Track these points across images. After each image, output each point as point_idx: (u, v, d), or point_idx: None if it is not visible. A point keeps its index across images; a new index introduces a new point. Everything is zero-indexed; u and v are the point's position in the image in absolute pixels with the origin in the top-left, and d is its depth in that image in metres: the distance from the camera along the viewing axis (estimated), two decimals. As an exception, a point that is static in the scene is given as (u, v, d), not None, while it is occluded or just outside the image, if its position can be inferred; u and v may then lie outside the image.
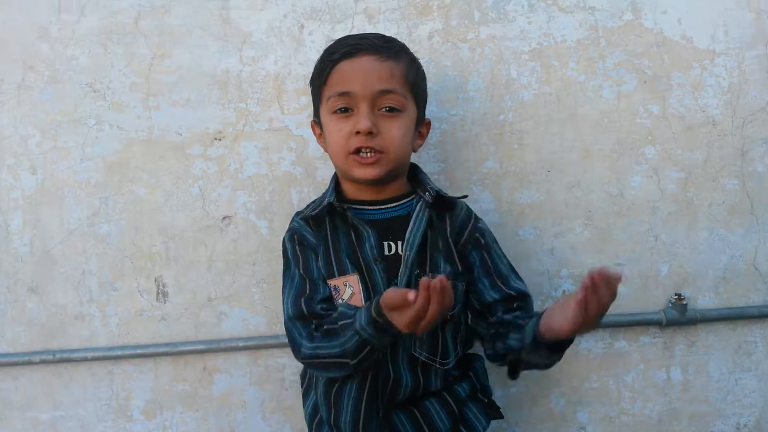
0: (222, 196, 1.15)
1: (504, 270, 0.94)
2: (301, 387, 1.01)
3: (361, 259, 0.89)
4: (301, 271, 0.91)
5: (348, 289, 0.88)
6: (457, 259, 0.91)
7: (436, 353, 0.90)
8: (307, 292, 0.89)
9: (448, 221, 0.93)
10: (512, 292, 0.91)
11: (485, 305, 0.92)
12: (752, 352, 1.21)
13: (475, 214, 0.97)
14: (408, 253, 0.88)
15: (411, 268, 0.88)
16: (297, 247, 0.93)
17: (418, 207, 0.91)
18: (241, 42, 1.15)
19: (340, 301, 0.88)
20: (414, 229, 0.89)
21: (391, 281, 0.88)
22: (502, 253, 0.96)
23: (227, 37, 1.15)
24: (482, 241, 0.94)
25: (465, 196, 0.98)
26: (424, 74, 0.96)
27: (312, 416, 0.96)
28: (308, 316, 0.87)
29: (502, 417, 0.98)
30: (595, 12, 1.16)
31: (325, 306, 0.88)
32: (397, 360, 0.88)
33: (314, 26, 1.15)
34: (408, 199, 0.94)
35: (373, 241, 0.89)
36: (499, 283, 0.92)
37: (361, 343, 0.80)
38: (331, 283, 0.89)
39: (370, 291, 0.88)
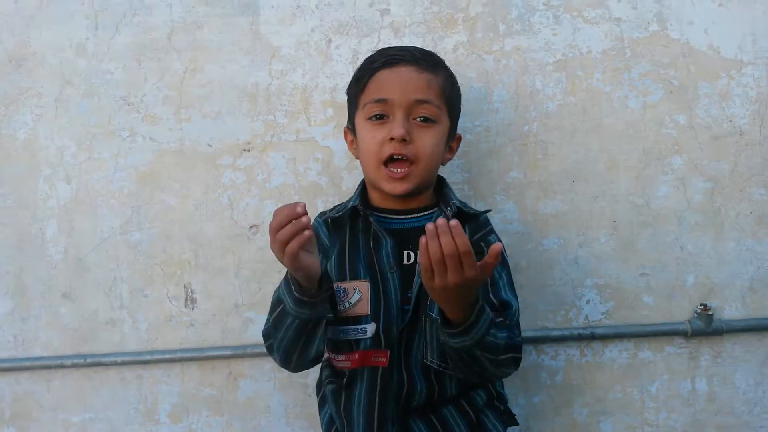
0: (250, 205, 1.18)
1: (498, 282, 0.91)
2: (317, 396, 1.01)
3: (376, 266, 0.90)
4: None
5: (356, 293, 0.89)
6: None
7: (448, 361, 0.89)
8: None
9: (465, 231, 0.92)
10: (495, 301, 0.89)
11: None
12: (780, 364, 1.19)
13: (493, 229, 0.95)
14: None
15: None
16: None
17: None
18: (270, 56, 1.17)
19: (346, 304, 0.89)
20: None
21: (405, 290, 0.89)
22: (508, 270, 0.93)
23: (257, 51, 1.17)
24: (485, 252, 0.90)
25: (488, 211, 0.98)
26: (459, 90, 0.98)
27: (329, 425, 0.96)
28: None
29: (517, 424, 0.98)
30: (621, 23, 1.17)
31: None
32: (410, 367, 0.88)
33: (341, 40, 1.17)
34: (431, 211, 0.95)
35: (390, 249, 0.90)
36: (489, 292, 0.89)
37: (276, 299, 0.84)
38: (341, 285, 0.89)
39: (381, 298, 0.88)
